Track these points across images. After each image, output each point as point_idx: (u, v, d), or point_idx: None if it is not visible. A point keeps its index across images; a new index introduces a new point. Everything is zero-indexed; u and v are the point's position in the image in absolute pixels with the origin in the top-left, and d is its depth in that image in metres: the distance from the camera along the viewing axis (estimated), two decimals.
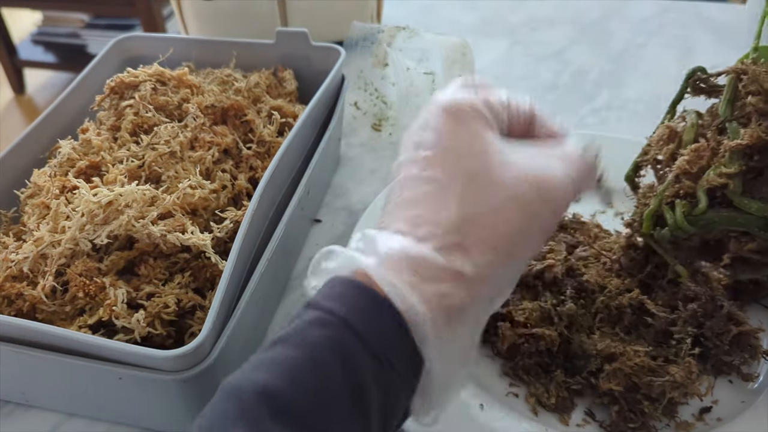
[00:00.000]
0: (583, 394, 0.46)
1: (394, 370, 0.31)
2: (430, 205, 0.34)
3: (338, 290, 0.32)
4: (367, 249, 0.34)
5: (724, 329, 0.46)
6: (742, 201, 0.39)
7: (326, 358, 0.29)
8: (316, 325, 0.31)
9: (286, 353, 0.30)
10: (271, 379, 0.29)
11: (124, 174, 0.51)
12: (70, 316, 0.45)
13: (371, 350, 0.30)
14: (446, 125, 0.36)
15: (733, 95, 0.42)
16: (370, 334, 0.30)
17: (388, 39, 0.74)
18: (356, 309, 0.31)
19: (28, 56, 2.44)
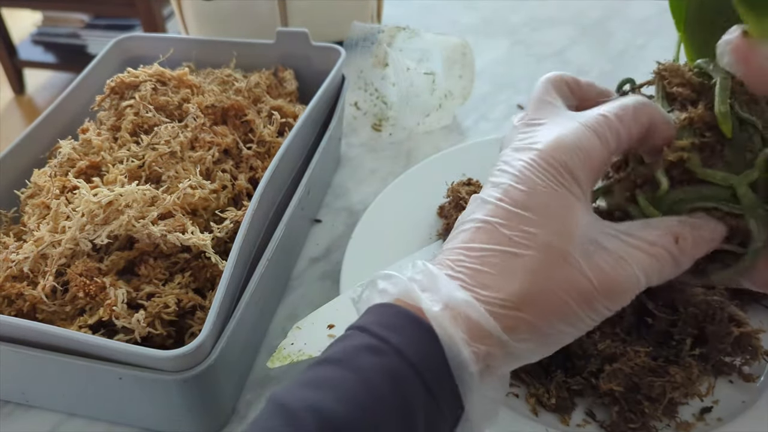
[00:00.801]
0: (583, 395, 0.46)
1: (440, 403, 0.31)
2: (499, 267, 0.34)
3: (392, 321, 0.32)
4: (427, 286, 0.34)
5: (725, 332, 0.46)
6: (706, 171, 0.37)
7: (379, 384, 0.30)
8: (368, 351, 0.31)
9: (339, 375, 0.30)
10: (323, 398, 0.29)
11: (125, 174, 0.51)
12: (71, 316, 0.46)
13: (425, 382, 0.30)
14: (541, 185, 0.35)
15: (665, 92, 0.42)
16: (424, 366, 0.31)
17: (388, 39, 0.74)
18: (412, 341, 0.31)
19: (28, 56, 2.44)
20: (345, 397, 0.29)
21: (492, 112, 0.80)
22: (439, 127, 0.77)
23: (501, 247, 0.34)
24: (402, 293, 0.34)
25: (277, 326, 0.55)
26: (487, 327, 0.32)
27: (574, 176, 0.36)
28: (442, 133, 0.76)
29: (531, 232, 0.34)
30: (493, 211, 0.35)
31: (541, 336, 0.34)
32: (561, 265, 0.34)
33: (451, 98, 0.76)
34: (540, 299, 0.33)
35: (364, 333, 0.32)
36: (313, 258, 0.61)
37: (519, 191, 0.35)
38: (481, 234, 0.35)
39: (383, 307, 0.33)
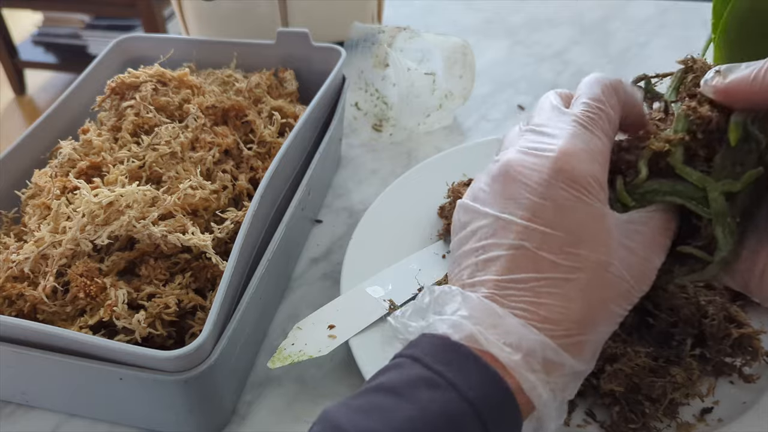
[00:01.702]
0: (583, 395, 0.46)
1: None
2: (554, 296, 0.33)
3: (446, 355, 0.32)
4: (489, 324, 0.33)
5: (725, 333, 0.46)
6: (684, 169, 0.38)
7: (436, 418, 0.29)
8: (424, 384, 0.31)
9: (394, 404, 0.30)
10: (379, 427, 0.29)
11: (125, 174, 0.51)
12: (71, 317, 0.46)
13: (482, 421, 0.30)
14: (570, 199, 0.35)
15: (679, 83, 0.41)
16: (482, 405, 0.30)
17: (388, 39, 0.74)
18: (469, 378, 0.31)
19: (29, 57, 2.45)
20: (400, 427, 0.29)
21: (492, 112, 0.80)
22: (440, 128, 0.77)
23: (550, 275, 0.33)
24: (468, 338, 0.33)
25: (277, 327, 0.55)
26: (563, 362, 0.33)
27: (599, 182, 0.35)
28: (443, 133, 0.76)
29: (574, 252, 0.34)
30: (524, 234, 0.34)
31: (597, 348, 0.35)
32: (607, 277, 0.34)
33: (451, 98, 0.76)
34: (596, 316, 0.34)
35: (418, 364, 0.31)
36: (313, 258, 0.61)
37: (548, 209, 0.34)
38: (520, 261, 0.34)
39: (435, 338, 0.33)
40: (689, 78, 0.41)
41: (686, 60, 0.42)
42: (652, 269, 0.37)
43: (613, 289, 0.34)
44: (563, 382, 0.33)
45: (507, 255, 0.34)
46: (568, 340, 0.33)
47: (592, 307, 0.34)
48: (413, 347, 0.33)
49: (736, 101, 0.37)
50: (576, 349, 0.33)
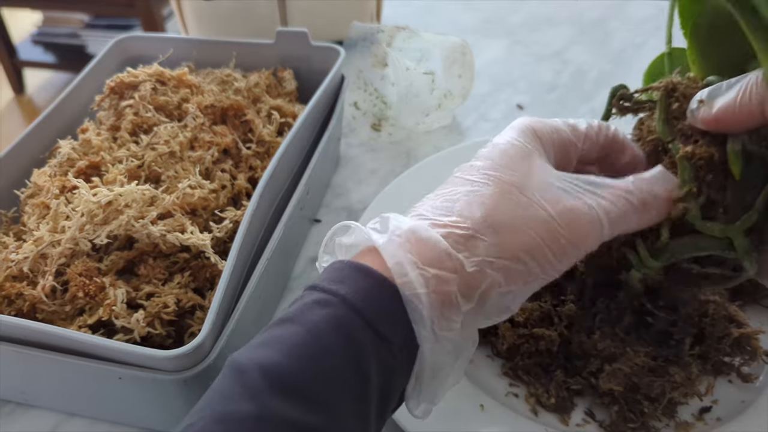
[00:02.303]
0: (583, 394, 0.46)
1: (393, 348, 0.31)
2: (461, 202, 0.35)
3: (340, 273, 0.33)
4: (381, 229, 0.35)
5: (724, 333, 0.46)
6: (705, 225, 0.38)
7: (328, 335, 0.30)
8: (317, 305, 0.31)
9: (289, 331, 0.31)
10: (273, 355, 0.29)
11: (124, 174, 0.51)
12: (70, 316, 0.46)
13: (373, 328, 0.31)
14: (502, 142, 0.38)
15: (666, 114, 0.41)
16: (371, 312, 0.31)
17: (387, 39, 0.74)
18: (358, 288, 0.32)
19: (28, 56, 2.44)
20: (292, 351, 0.30)
21: (491, 111, 0.80)
22: (439, 127, 0.77)
23: (462, 188, 0.36)
24: (359, 240, 0.35)
25: None
26: (437, 243, 0.33)
27: (537, 135, 0.39)
28: (442, 132, 0.76)
29: (490, 174, 0.36)
30: (463, 167, 0.38)
31: (504, 267, 0.34)
32: (518, 197, 0.35)
33: (450, 98, 0.76)
34: (499, 225, 0.34)
35: (314, 290, 0.33)
36: (312, 258, 0.61)
37: (487, 148, 0.39)
38: (447, 185, 0.37)
39: (334, 264, 0.35)
40: (674, 105, 0.41)
41: (666, 84, 0.41)
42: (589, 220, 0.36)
43: (526, 211, 0.35)
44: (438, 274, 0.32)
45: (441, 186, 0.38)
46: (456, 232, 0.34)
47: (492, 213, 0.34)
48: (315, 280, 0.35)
49: (728, 128, 0.37)
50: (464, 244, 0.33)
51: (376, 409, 0.31)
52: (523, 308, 0.47)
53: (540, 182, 0.36)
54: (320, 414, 0.28)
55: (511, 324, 0.47)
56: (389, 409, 0.33)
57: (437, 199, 0.36)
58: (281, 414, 0.28)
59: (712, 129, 0.38)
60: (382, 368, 0.31)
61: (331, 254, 0.38)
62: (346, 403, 0.29)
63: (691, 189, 0.38)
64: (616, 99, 0.45)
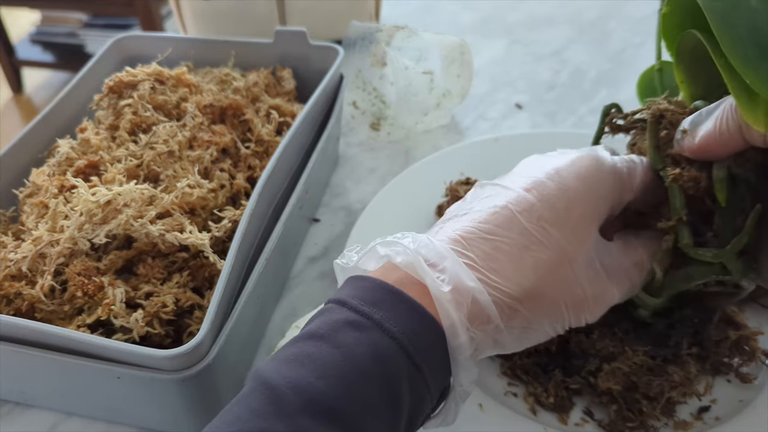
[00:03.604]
0: (581, 394, 0.46)
1: (428, 380, 0.31)
2: (511, 256, 0.34)
3: (372, 295, 0.32)
4: (433, 261, 0.34)
5: (722, 336, 0.46)
6: (697, 252, 0.39)
7: (362, 359, 0.30)
8: (349, 327, 0.31)
9: (321, 350, 0.30)
10: (307, 375, 0.29)
11: (123, 173, 0.51)
12: (69, 316, 0.45)
13: (409, 355, 0.31)
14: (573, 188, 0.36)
15: (656, 140, 0.41)
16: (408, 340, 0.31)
17: (386, 38, 0.74)
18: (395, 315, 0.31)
19: (27, 56, 2.44)
20: (327, 373, 0.29)
21: (490, 111, 0.80)
22: (438, 126, 0.77)
23: (516, 236, 0.34)
24: (406, 264, 0.33)
25: (275, 325, 0.55)
26: (489, 314, 0.33)
27: (603, 192, 0.37)
28: (441, 132, 0.76)
29: (549, 230, 0.35)
30: (515, 199, 0.36)
31: (527, 331, 0.35)
32: (567, 271, 0.35)
33: (449, 97, 0.76)
34: (541, 297, 0.34)
35: (344, 307, 0.32)
36: (311, 257, 0.61)
37: (551, 186, 0.36)
38: (497, 218, 0.35)
39: (363, 281, 0.33)
40: (662, 132, 0.41)
41: (653, 111, 0.41)
42: (610, 298, 0.38)
43: (569, 287, 0.35)
44: (481, 338, 0.33)
45: (487, 210, 0.36)
46: (504, 300, 0.33)
47: (540, 284, 0.34)
48: (340, 291, 0.34)
49: (713, 155, 0.38)
50: (507, 313, 0.34)
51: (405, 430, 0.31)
52: None
53: (587, 256, 0.36)
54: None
55: None
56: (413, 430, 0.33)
57: (487, 239, 0.34)
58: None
59: (697, 157, 0.38)
60: (414, 395, 0.31)
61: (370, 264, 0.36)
62: (379, 427, 0.29)
63: (681, 217, 0.39)
64: (609, 118, 0.45)
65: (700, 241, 0.40)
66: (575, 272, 0.35)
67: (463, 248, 0.34)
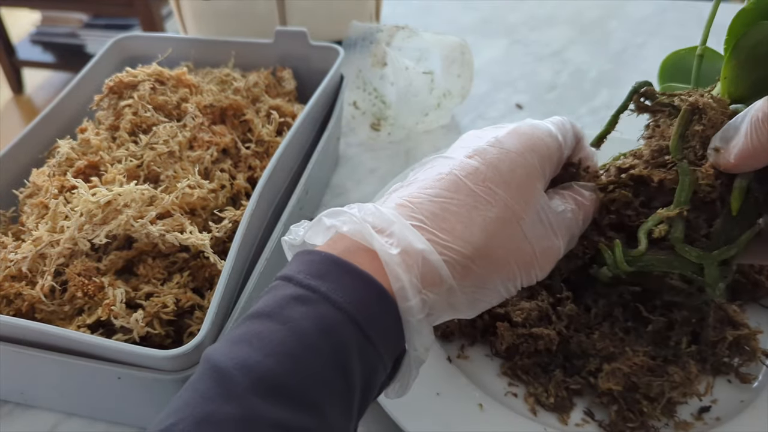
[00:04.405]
0: (582, 394, 0.46)
1: (378, 349, 0.31)
2: (460, 217, 0.35)
3: (319, 268, 0.32)
4: (381, 227, 0.34)
5: (720, 336, 0.46)
6: (684, 248, 0.39)
7: (311, 334, 0.30)
8: (295, 302, 0.31)
9: (268, 328, 0.30)
10: (254, 354, 0.29)
11: (123, 174, 0.51)
12: (69, 316, 0.45)
13: (358, 326, 0.31)
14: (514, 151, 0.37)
15: (684, 129, 0.40)
16: (357, 311, 0.31)
17: (387, 38, 0.74)
18: (341, 287, 0.31)
19: (27, 56, 2.44)
20: (275, 350, 0.29)
21: (490, 111, 0.80)
22: (438, 126, 0.77)
23: (463, 197, 0.35)
24: (353, 232, 0.34)
25: None
26: (441, 274, 0.33)
27: (544, 151, 0.39)
28: (441, 132, 0.76)
29: (495, 190, 0.36)
30: (458, 165, 0.37)
31: (480, 291, 0.36)
32: (514, 229, 0.36)
33: (449, 97, 0.76)
34: (492, 254, 0.35)
35: (290, 283, 0.32)
36: None
37: (492, 151, 0.37)
38: (443, 183, 0.36)
39: (309, 255, 0.33)
40: (695, 126, 0.40)
41: (692, 102, 0.40)
42: (556, 251, 0.38)
43: (517, 245, 0.36)
44: (434, 300, 0.33)
45: (432, 177, 0.36)
46: (455, 258, 0.34)
47: (490, 242, 0.35)
48: (288, 267, 0.33)
49: (746, 169, 0.38)
50: (460, 272, 0.34)
51: (358, 403, 0.31)
52: (522, 308, 0.47)
53: (533, 214, 0.37)
54: (306, 413, 0.28)
55: (509, 324, 0.47)
56: (369, 401, 0.33)
57: (435, 201, 0.35)
58: (267, 416, 0.27)
59: (731, 172, 0.39)
60: (366, 365, 0.31)
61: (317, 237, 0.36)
62: (331, 401, 0.29)
63: (682, 211, 0.39)
64: (637, 95, 0.44)
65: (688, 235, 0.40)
66: (523, 230, 0.36)
67: (411, 212, 0.35)
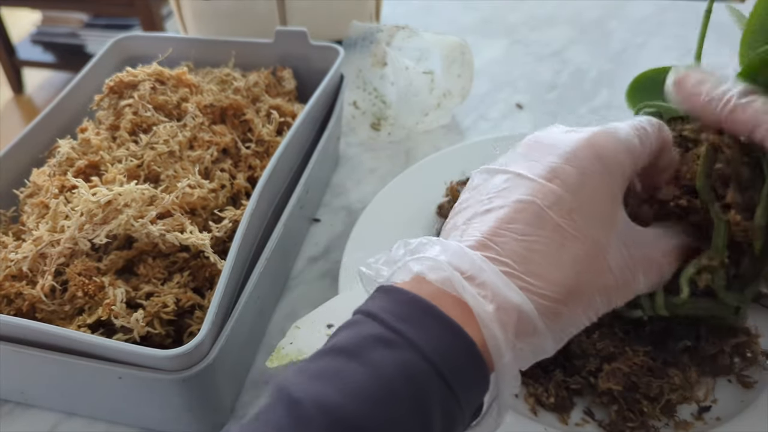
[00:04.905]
0: (582, 394, 0.46)
1: (461, 401, 0.30)
2: (549, 256, 0.32)
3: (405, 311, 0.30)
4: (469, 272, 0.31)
5: (718, 349, 0.45)
6: (727, 295, 0.40)
7: (392, 378, 0.28)
8: (379, 343, 0.29)
9: (349, 367, 0.28)
10: (333, 393, 0.27)
11: (123, 173, 0.51)
12: (70, 316, 0.45)
13: (442, 377, 0.29)
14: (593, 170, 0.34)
15: (709, 168, 0.39)
16: (442, 361, 0.29)
17: (387, 38, 0.74)
18: (428, 334, 0.29)
19: (27, 56, 2.44)
20: (355, 391, 0.27)
21: (491, 111, 0.80)
22: (438, 126, 0.77)
23: (549, 233, 0.32)
24: (442, 280, 0.31)
25: (275, 326, 0.55)
26: (535, 324, 0.31)
27: (622, 168, 0.35)
28: (441, 132, 0.76)
29: (581, 223, 0.33)
30: (540, 192, 0.33)
31: (566, 331, 0.34)
32: (602, 261, 0.33)
33: (449, 97, 0.76)
34: (581, 293, 0.33)
35: (375, 322, 0.30)
36: (311, 257, 0.61)
37: (572, 173, 0.34)
38: (526, 216, 0.33)
39: (394, 293, 0.31)
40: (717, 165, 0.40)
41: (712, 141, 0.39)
42: (636, 285, 0.36)
43: (602, 278, 0.34)
44: (528, 350, 0.32)
45: (512, 206, 0.33)
46: (547, 304, 0.31)
47: (579, 280, 0.32)
48: (370, 302, 0.32)
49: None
50: (552, 318, 0.32)
51: None
52: None
53: (616, 242, 0.34)
54: None
55: None
56: None
57: (520, 241, 0.32)
58: None
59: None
60: (446, 417, 0.30)
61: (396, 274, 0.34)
62: None
63: (723, 259, 0.39)
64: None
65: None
66: (608, 262, 0.34)
67: (497, 254, 0.32)
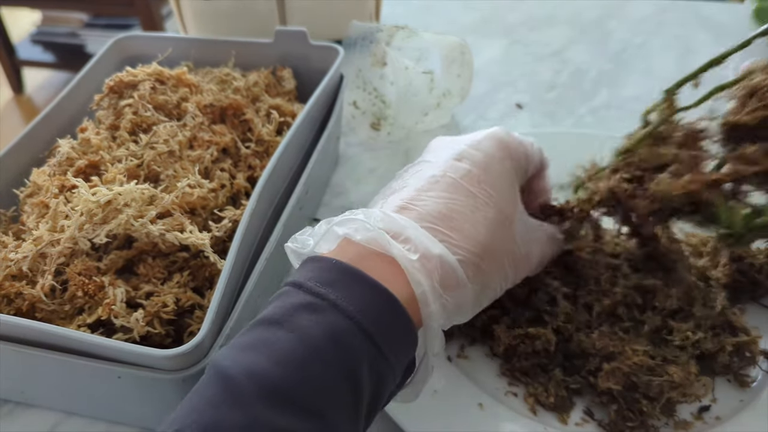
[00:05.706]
0: (581, 393, 0.46)
1: (389, 358, 0.31)
2: (466, 216, 0.36)
3: (330, 276, 0.32)
4: (393, 231, 0.34)
5: (719, 347, 0.45)
6: None
7: (320, 343, 0.29)
8: (305, 309, 0.30)
9: (277, 335, 0.30)
10: (262, 361, 0.28)
11: (123, 173, 0.51)
12: (69, 315, 0.45)
13: (368, 335, 0.30)
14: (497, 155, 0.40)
15: None
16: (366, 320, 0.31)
17: (386, 38, 0.74)
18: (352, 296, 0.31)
19: (27, 56, 2.44)
20: (283, 358, 0.29)
21: (490, 111, 0.80)
22: (438, 126, 0.77)
23: (464, 198, 0.36)
24: (368, 240, 0.33)
25: None
26: (458, 276, 0.34)
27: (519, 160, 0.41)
28: (441, 132, 0.76)
29: (490, 192, 0.37)
30: (450, 168, 0.38)
31: (483, 292, 0.37)
32: (508, 229, 0.38)
33: (449, 97, 0.76)
34: (494, 254, 0.36)
35: (300, 290, 0.32)
36: None
37: (478, 155, 0.39)
38: (441, 185, 0.37)
39: (318, 261, 0.33)
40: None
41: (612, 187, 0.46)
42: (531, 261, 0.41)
43: (509, 244, 0.38)
44: (452, 303, 0.34)
45: (427, 180, 0.37)
46: (467, 257, 0.35)
47: (493, 239, 0.36)
48: (297, 273, 0.33)
49: None
50: (472, 272, 0.35)
51: (366, 412, 0.31)
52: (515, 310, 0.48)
53: (517, 219, 0.39)
54: (313, 422, 0.28)
55: (505, 325, 0.47)
56: (377, 409, 0.32)
57: (440, 202, 0.36)
58: (273, 423, 0.27)
59: None
60: (374, 374, 0.31)
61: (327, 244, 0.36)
62: (339, 410, 0.29)
63: None
64: None
65: None
66: (513, 231, 0.38)
67: (418, 215, 0.35)
